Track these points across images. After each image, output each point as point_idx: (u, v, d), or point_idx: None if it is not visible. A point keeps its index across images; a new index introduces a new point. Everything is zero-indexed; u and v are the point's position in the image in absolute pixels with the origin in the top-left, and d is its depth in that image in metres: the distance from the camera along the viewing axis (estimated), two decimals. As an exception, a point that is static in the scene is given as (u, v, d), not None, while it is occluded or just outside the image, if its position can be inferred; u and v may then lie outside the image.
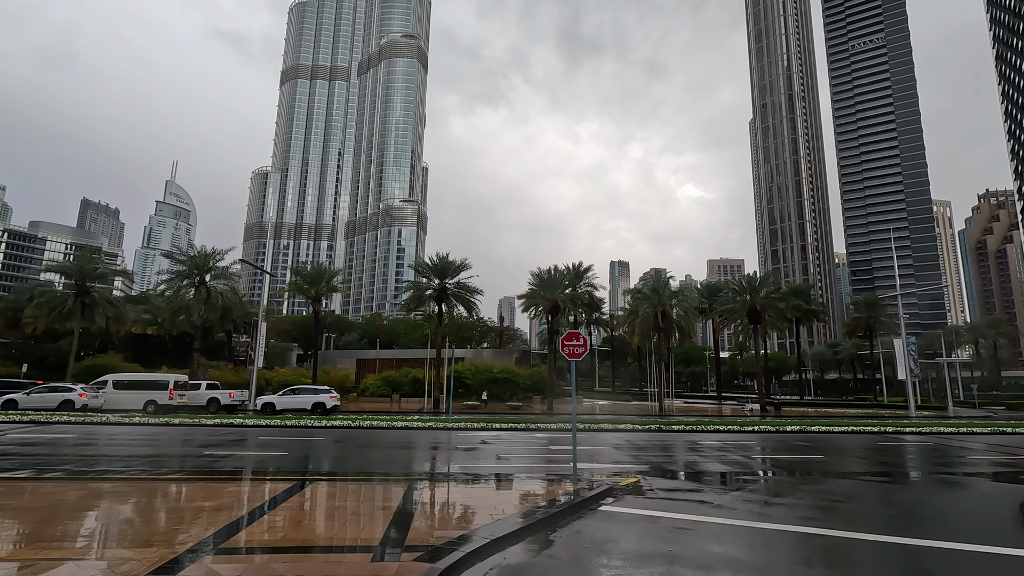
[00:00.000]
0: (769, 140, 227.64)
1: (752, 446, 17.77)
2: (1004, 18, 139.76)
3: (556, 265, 44.51)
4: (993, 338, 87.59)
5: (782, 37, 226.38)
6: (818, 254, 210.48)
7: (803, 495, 10.05)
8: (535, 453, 15.53)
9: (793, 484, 11.36)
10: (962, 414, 47.29)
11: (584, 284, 60.63)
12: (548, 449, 16.27)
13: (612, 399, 63.54)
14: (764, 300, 44.87)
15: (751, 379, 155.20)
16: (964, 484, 11.57)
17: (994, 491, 10.89)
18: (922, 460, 15.42)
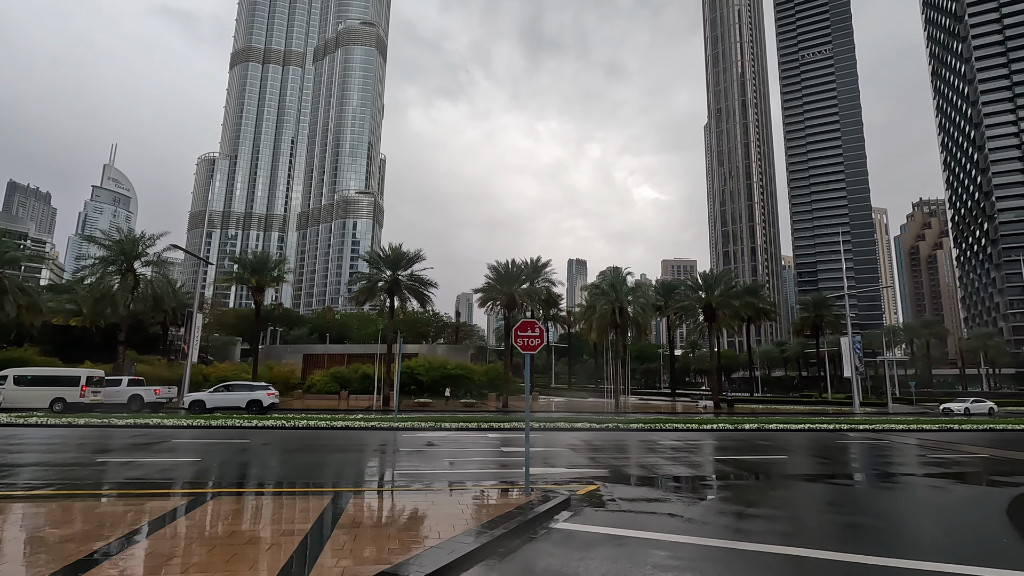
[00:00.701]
0: (723, 144, 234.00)
1: (714, 446, 17.03)
2: (941, 37, 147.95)
3: (514, 259, 43.37)
4: (926, 338, 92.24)
5: (737, 44, 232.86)
6: (767, 256, 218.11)
7: (778, 504, 9.13)
8: (486, 456, 14.19)
9: (764, 490, 10.45)
10: (901, 410, 49.07)
11: (542, 279, 59.76)
12: (500, 451, 14.96)
13: (568, 396, 63.02)
14: (719, 298, 45.09)
15: (702, 376, 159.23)
16: (942, 488, 10.94)
17: (974, 496, 10.28)
18: (886, 460, 14.96)
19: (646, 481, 10.90)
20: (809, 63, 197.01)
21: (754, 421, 23.41)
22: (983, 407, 44.06)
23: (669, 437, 19.19)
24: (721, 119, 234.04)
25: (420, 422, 21.29)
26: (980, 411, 43.37)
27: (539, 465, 12.47)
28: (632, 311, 41.31)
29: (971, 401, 45.28)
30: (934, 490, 10.61)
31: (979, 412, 43.08)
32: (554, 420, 21.96)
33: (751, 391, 77.30)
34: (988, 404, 44.72)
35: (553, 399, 55.96)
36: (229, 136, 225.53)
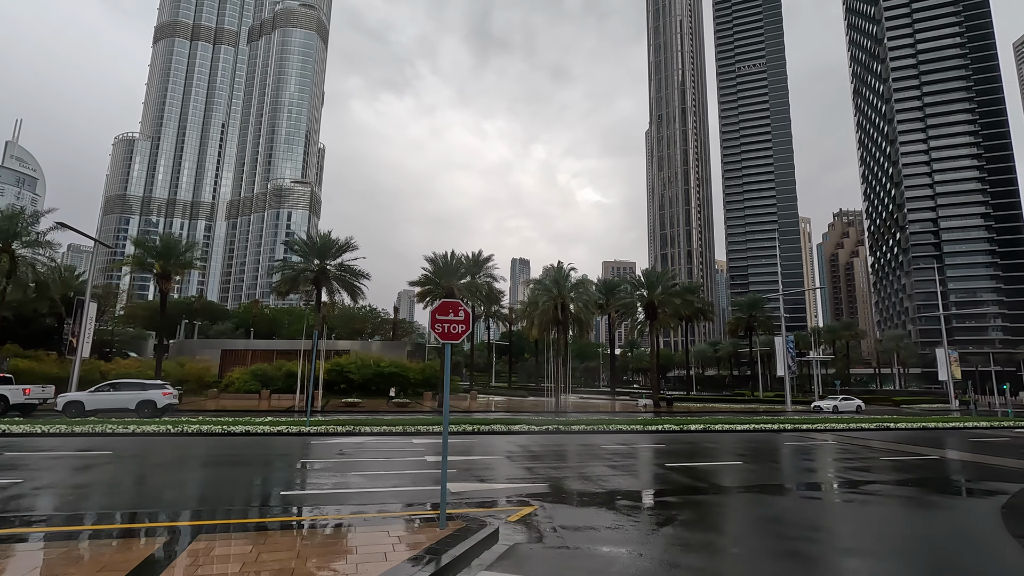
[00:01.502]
0: (663, 150, 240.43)
1: (662, 450, 15.59)
2: (863, 57, 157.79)
3: (453, 251, 41.07)
4: (846, 339, 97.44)
5: (678, 53, 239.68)
6: (702, 260, 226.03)
7: (751, 529, 7.55)
8: (405, 468, 11.98)
9: (729, 509, 8.88)
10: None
11: (484, 274, 57.77)
12: (423, 462, 12.79)
13: (508, 395, 61.36)
14: (660, 296, 44.73)
15: (639, 375, 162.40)
16: (920, 501, 9.76)
17: (965, 507, 9.13)
18: (846, 465, 13.92)
19: (592, 499, 9.09)
20: (745, 75, 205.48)
21: (698, 421, 22.44)
22: (851, 405, 44.22)
23: (613, 440, 17.66)
24: (662, 125, 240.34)
25: (337, 426, 18.72)
26: (848, 409, 43.20)
27: (468, 480, 10.44)
28: (574, 308, 40.07)
29: (840, 399, 45.40)
30: (915, 505, 9.41)
31: (847, 410, 42.95)
32: (490, 422, 20.00)
33: (687, 390, 78.60)
34: (856, 402, 45.21)
35: (493, 398, 54.10)
36: (152, 116, 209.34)
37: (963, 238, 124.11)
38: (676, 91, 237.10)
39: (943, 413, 46.55)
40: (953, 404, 55.89)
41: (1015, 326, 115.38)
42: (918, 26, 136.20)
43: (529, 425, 19.48)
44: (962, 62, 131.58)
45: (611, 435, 19.11)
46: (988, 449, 17.07)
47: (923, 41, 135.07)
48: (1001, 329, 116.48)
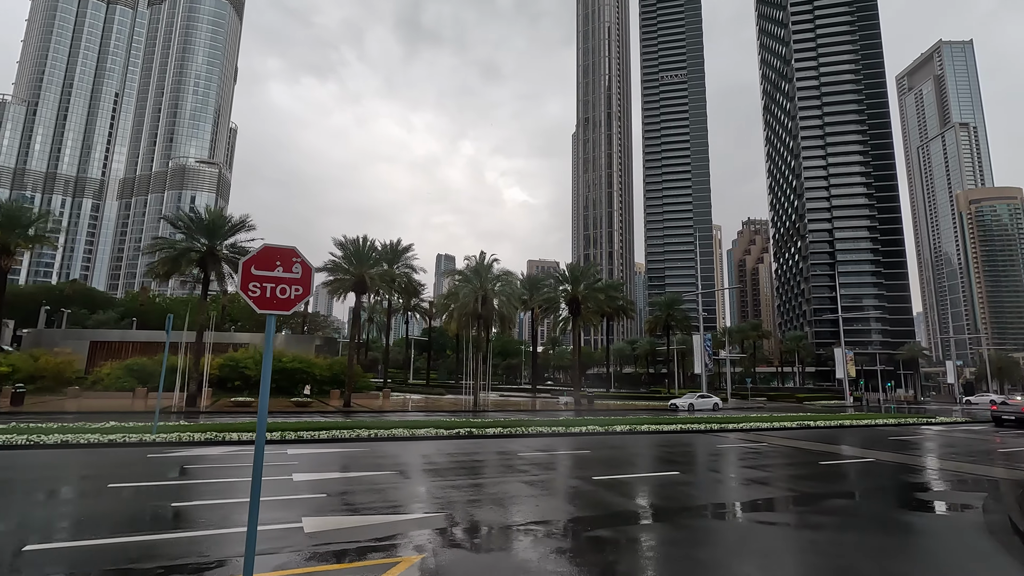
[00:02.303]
0: (589, 152, 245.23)
1: (587, 459, 13.60)
2: (773, 77, 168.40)
3: (366, 235, 37.36)
4: (753, 339, 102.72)
5: (605, 59, 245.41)
6: (622, 261, 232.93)
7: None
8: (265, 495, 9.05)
9: (684, 547, 6.81)
10: (741, 405, 52.15)
11: (403, 265, 54.27)
12: (288, 482, 9.89)
13: (426, 393, 58.29)
14: (584, 291, 43.63)
15: (560, 372, 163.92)
16: (902, 525, 8.22)
17: (945, 529, 7.63)
18: (790, 473, 12.51)
19: (502, 538, 6.73)
20: (667, 84, 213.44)
21: (623, 422, 20.90)
22: (708, 403, 41.30)
23: (533, 445, 15.54)
24: (588, 128, 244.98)
25: (198, 432, 15.21)
26: (704, 407, 40.39)
27: (335, 510, 7.77)
28: (496, 302, 37.87)
29: (696, 397, 42.14)
30: (902, 531, 7.85)
31: (703, 408, 40.11)
32: (392, 426, 17.19)
33: (607, 387, 79.06)
34: (713, 400, 42.42)
35: (410, 397, 50.92)
36: (29, 78, 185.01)
37: (853, 248, 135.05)
38: (603, 95, 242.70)
39: (840, 409, 49.02)
40: (848, 400, 59.53)
41: (894, 329, 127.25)
42: (822, 50, 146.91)
43: (438, 429, 16.90)
44: (856, 87, 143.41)
45: (530, 439, 16.97)
46: (912, 449, 16.66)
47: (825, 65, 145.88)
48: (881, 332, 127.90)
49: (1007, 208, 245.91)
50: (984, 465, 13.46)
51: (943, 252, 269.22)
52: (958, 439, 20.75)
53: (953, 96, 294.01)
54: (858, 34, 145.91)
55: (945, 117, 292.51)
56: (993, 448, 17.99)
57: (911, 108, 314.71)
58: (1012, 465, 13.65)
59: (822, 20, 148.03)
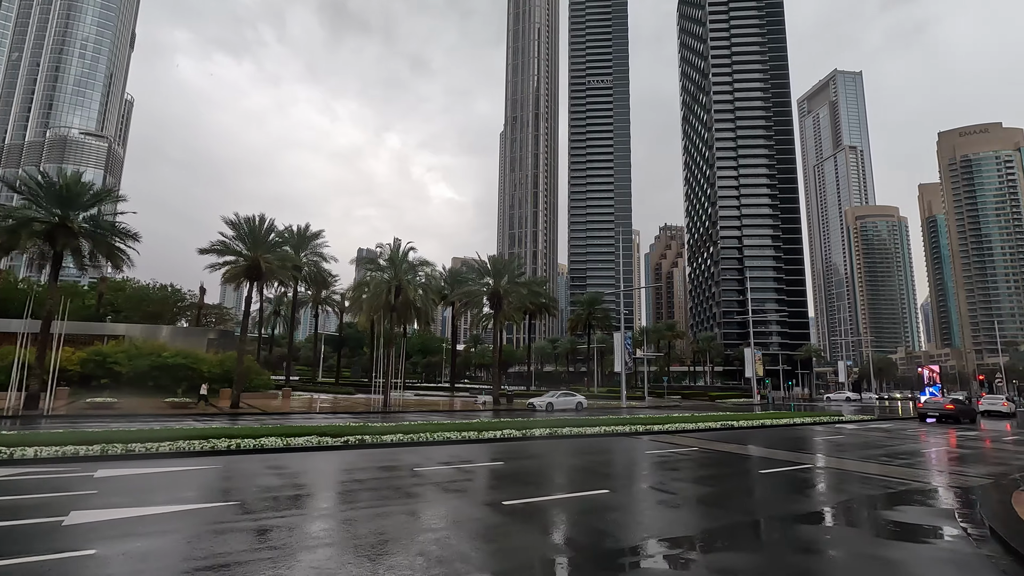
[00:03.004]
0: (516, 151, 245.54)
1: (500, 473, 11.38)
2: (692, 89, 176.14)
3: (264, 214, 33.06)
4: (669, 339, 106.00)
5: (535, 60, 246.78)
6: (546, 261, 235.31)
7: None
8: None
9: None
10: (659, 403, 52.55)
11: (311, 252, 50.01)
12: (58, 529, 6.84)
13: (336, 392, 53.95)
14: (507, 285, 41.74)
15: (482, 370, 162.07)
16: (892, 566, 6.61)
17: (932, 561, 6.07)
18: (734, 485, 10.99)
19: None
20: (594, 89, 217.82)
21: (543, 424, 19.00)
22: (570, 402, 37.43)
23: (438, 456, 13.16)
24: (516, 127, 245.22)
25: (-9, 445, 11.42)
26: (566, 406, 36.54)
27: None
28: (413, 294, 34.97)
29: (557, 395, 38.03)
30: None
31: (565, 407, 36.35)
32: (268, 433, 14.04)
33: (528, 385, 77.90)
34: (576, 398, 38.77)
35: (317, 396, 46.66)
36: None
37: (758, 255, 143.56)
38: (531, 96, 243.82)
39: (749, 407, 50.56)
40: (756, 399, 62.04)
41: (792, 332, 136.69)
42: (736, 67, 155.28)
43: (323, 437, 14.00)
44: (765, 105, 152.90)
45: (436, 448, 14.54)
46: (845, 452, 15.95)
47: (739, 82, 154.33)
48: (780, 334, 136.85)
49: (886, 224, 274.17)
50: (941, 473, 12.76)
51: (832, 263, 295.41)
52: (885, 439, 20.70)
53: (845, 121, 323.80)
54: (768, 54, 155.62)
55: (838, 140, 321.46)
56: (922, 448, 17.79)
57: (809, 129, 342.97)
58: (961, 471, 13.04)
59: (737, 39, 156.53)
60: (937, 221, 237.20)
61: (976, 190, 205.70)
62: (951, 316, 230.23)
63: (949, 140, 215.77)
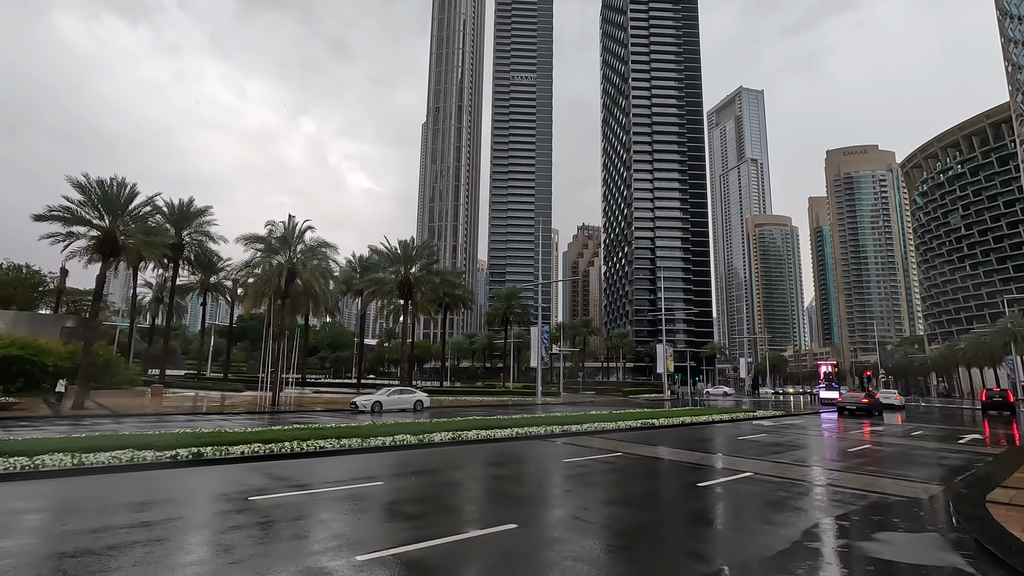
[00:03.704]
0: (438, 143, 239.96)
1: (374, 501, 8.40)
2: (612, 92, 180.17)
3: (123, 177, 27.57)
4: (584, 335, 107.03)
5: (459, 51, 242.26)
6: (466, 256, 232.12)
7: None
8: None
9: None
10: (575, 399, 51.63)
11: (196, 230, 44.04)
12: None
13: (222, 388, 47.97)
14: (419, 273, 38.59)
15: (395, 366, 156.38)
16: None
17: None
18: (681, 516, 8.89)
19: None
20: (518, 85, 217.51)
21: (447, 427, 16.33)
22: (406, 400, 30.94)
23: (296, 477, 10.14)
24: (439, 118, 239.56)
25: None
26: (401, 406, 30.38)
27: None
28: (309, 277, 30.93)
29: (389, 393, 31.26)
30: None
31: (401, 407, 30.33)
32: (92, 448, 10.24)
33: (441, 381, 74.80)
34: (416, 396, 32.12)
35: (201, 394, 40.96)
36: None
37: (670, 256, 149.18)
38: (455, 87, 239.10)
39: (660, 403, 50.93)
40: (667, 394, 63.14)
41: (698, 330, 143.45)
42: (655, 76, 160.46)
43: (157, 452, 10.46)
44: (679, 113, 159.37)
45: (297, 464, 11.42)
46: (777, 454, 14.66)
47: (657, 90, 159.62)
48: (687, 332, 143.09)
49: (781, 233, 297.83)
50: (888, 478, 11.52)
51: (733, 267, 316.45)
52: (808, 437, 20.01)
53: (748, 135, 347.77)
54: (684, 66, 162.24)
55: (741, 152, 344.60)
56: (850, 447, 17.02)
57: (716, 141, 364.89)
58: (905, 475, 11.90)
59: (656, 49, 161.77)
60: (823, 232, 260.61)
61: (856, 205, 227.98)
62: (832, 318, 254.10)
63: (835, 158, 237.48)
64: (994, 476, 10.69)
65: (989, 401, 39.44)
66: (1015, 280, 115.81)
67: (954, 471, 12.27)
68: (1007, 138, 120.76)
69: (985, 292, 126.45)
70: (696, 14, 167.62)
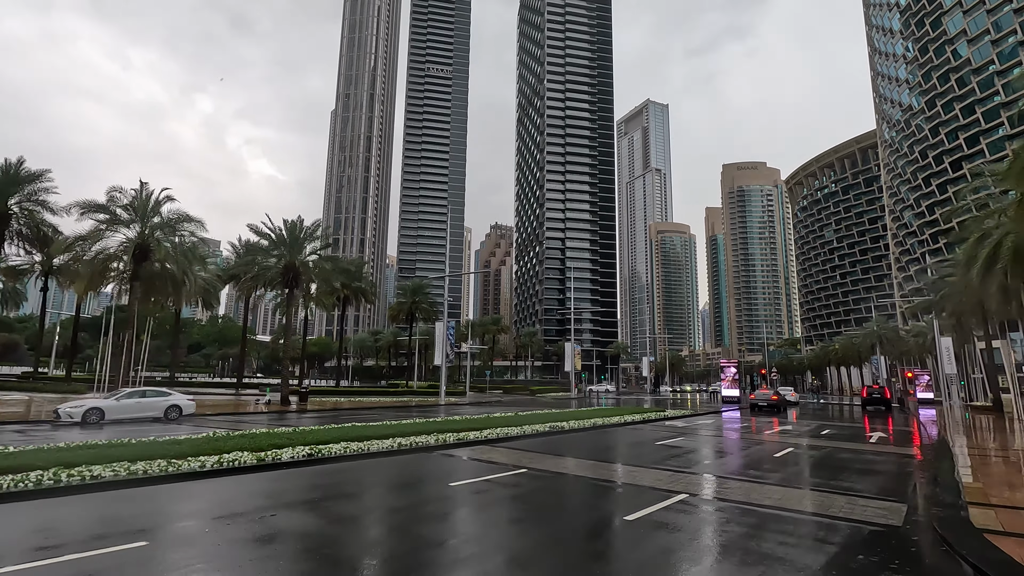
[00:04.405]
0: (348, 131, 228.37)
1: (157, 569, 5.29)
2: (528, 93, 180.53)
3: None
4: (494, 333, 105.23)
5: (373, 37, 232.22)
6: (374, 251, 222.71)
7: None
8: None
9: None
10: (481, 398, 49.12)
11: (28, 199, 36.45)
12: None
13: (59, 390, 40.01)
14: (308, 258, 34.06)
15: (295, 365, 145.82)
16: None
17: None
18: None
19: None
20: (434, 77, 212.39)
21: (318, 437, 12.89)
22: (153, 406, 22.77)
23: (68, 518, 6.56)
24: (349, 105, 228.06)
25: None
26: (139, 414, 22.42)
27: None
28: (166, 256, 25.71)
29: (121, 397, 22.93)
30: None
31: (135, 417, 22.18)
32: None
33: (338, 380, 69.22)
34: (169, 400, 23.56)
35: (35, 397, 33.42)
36: None
37: (579, 257, 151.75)
38: (367, 74, 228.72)
39: (567, 401, 49.85)
40: (574, 393, 62.56)
41: (604, 330, 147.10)
42: (570, 78, 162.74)
43: None
44: (591, 119, 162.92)
45: (86, 501, 7.76)
46: (703, 466, 12.82)
47: (572, 91, 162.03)
48: (592, 332, 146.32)
49: (680, 240, 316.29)
50: (838, 492, 9.82)
51: (637, 271, 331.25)
52: (727, 440, 18.69)
53: (653, 146, 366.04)
54: (597, 73, 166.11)
55: (647, 162, 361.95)
56: (776, 452, 15.69)
57: (624, 150, 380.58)
58: (852, 487, 10.32)
59: (572, 55, 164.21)
60: (718, 240, 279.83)
61: (747, 216, 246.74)
62: (723, 320, 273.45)
63: (729, 172, 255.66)
64: (946, 486, 9.38)
65: (869, 397, 42.10)
66: (876, 289, 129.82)
67: (896, 479, 11.04)
68: (872, 162, 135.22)
69: (852, 299, 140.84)
70: (610, 25, 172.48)
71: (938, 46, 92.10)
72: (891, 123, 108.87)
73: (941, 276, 38.09)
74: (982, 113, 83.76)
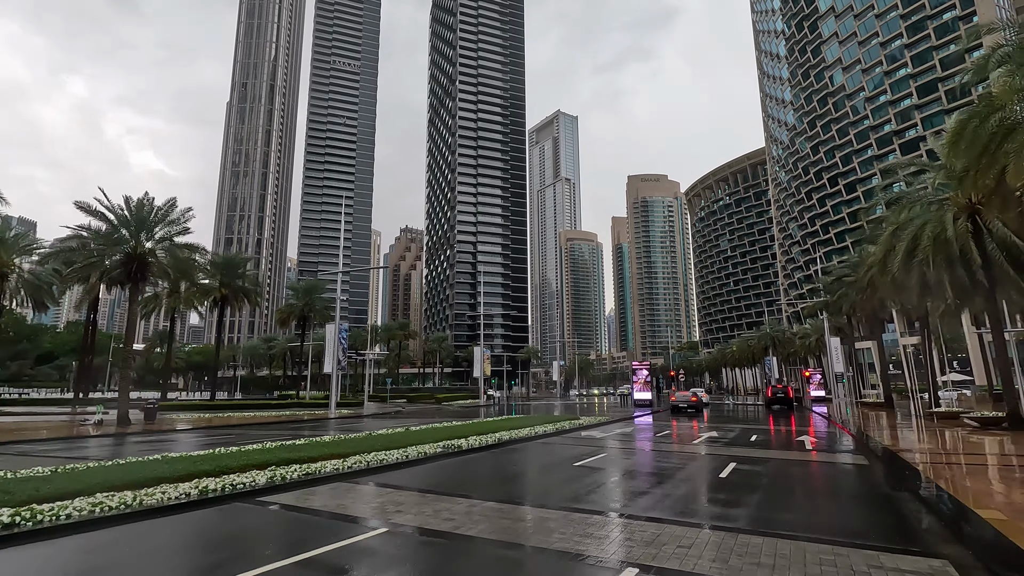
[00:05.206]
0: (245, 123, 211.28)
1: None
2: (440, 93, 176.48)
3: None
4: (400, 339, 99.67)
5: (274, 25, 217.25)
6: (272, 252, 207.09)
7: None
8: None
9: None
10: (381, 409, 44.39)
11: None
12: None
13: None
14: (161, 244, 27.96)
15: (179, 376, 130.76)
16: None
17: None
18: None
19: None
20: (340, 71, 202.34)
21: (99, 486, 8.42)
22: None
23: None
24: (246, 96, 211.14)
25: None
26: None
27: None
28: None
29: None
30: None
31: None
32: None
33: (212, 392, 60.90)
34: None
35: None
36: None
37: (490, 262, 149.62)
38: (267, 64, 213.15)
39: (476, 409, 46.62)
40: (482, 400, 59.30)
41: (515, 335, 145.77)
42: (482, 80, 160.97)
43: None
44: (504, 125, 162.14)
45: None
46: (641, 503, 9.82)
47: (484, 94, 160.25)
48: (504, 337, 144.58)
49: (588, 248, 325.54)
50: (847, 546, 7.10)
51: (547, 277, 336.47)
52: (660, 455, 16.09)
53: (563, 156, 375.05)
54: (510, 76, 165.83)
55: (557, 171, 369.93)
56: (725, 472, 13.21)
57: (536, 158, 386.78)
58: (846, 525, 7.66)
59: (484, 57, 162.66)
60: (623, 248, 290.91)
61: (650, 226, 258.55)
62: (628, 325, 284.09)
63: (634, 183, 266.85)
64: (956, 515, 7.04)
65: (774, 396, 42.71)
66: (765, 295, 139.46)
67: (887, 509, 8.71)
68: (761, 177, 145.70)
69: (743, 305, 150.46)
70: (522, 30, 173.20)
71: (818, 71, 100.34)
72: (777, 141, 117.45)
73: (839, 277, 39.31)
74: (854, 135, 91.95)
